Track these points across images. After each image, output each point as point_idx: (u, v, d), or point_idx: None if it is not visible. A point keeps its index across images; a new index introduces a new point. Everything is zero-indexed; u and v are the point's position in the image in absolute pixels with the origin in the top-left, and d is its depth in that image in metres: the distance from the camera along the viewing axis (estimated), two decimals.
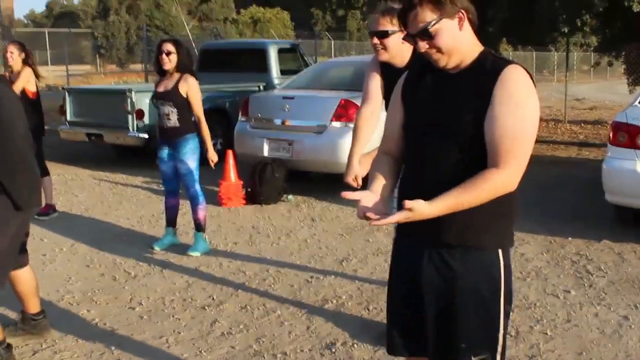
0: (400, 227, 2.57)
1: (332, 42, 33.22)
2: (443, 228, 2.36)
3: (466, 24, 2.33)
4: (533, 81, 2.32)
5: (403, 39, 2.43)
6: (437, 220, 2.32)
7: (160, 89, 6.17)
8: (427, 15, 2.29)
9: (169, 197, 6.46)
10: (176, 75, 6.10)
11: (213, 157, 6.17)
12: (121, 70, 40.67)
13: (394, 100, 2.56)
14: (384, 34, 3.84)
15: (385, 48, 3.88)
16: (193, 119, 6.19)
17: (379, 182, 2.48)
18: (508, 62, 2.31)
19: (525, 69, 2.31)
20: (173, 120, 6.09)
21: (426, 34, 2.30)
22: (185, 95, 6.06)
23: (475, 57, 2.35)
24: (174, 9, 45.75)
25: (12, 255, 3.83)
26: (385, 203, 2.42)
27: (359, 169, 4.12)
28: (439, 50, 2.31)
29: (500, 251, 2.39)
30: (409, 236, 2.53)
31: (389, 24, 3.82)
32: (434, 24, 2.28)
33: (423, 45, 2.32)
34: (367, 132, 4.25)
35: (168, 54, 6.03)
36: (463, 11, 2.31)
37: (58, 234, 7.02)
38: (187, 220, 7.02)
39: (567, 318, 4.73)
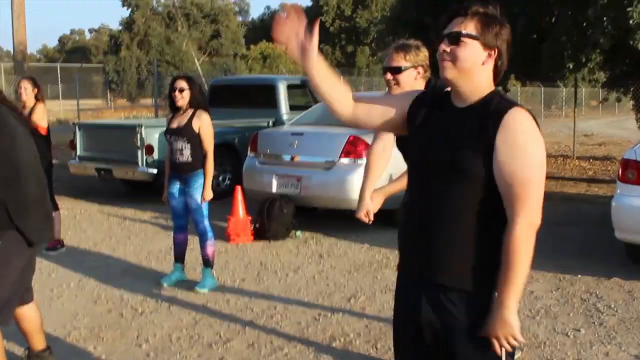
0: (401, 267, 2.58)
1: (341, 77, 33.43)
2: (440, 270, 2.37)
3: (490, 63, 2.36)
4: (537, 122, 2.32)
5: (435, 39, 2.45)
6: (434, 261, 2.36)
7: (174, 124, 6.22)
8: (469, 26, 2.32)
9: (177, 233, 6.46)
10: (189, 112, 6.16)
11: (207, 195, 6.16)
12: (131, 105, 40.96)
13: (397, 102, 2.56)
14: (398, 70, 3.87)
15: (398, 84, 3.90)
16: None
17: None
18: (512, 105, 2.31)
19: (528, 111, 2.32)
20: (186, 155, 6.13)
21: (456, 39, 2.32)
22: (198, 131, 6.11)
23: (483, 95, 2.36)
24: (185, 44, 46.24)
25: (18, 291, 3.83)
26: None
27: (371, 205, 4.12)
28: (454, 60, 2.33)
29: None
30: (408, 276, 2.53)
31: (403, 60, 3.85)
32: (468, 37, 2.31)
33: (445, 46, 2.34)
34: (379, 168, 4.28)
35: (181, 90, 6.10)
36: (496, 50, 2.35)
37: (66, 269, 7.02)
38: (195, 256, 7.01)
39: (577, 357, 4.68)
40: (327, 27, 56.95)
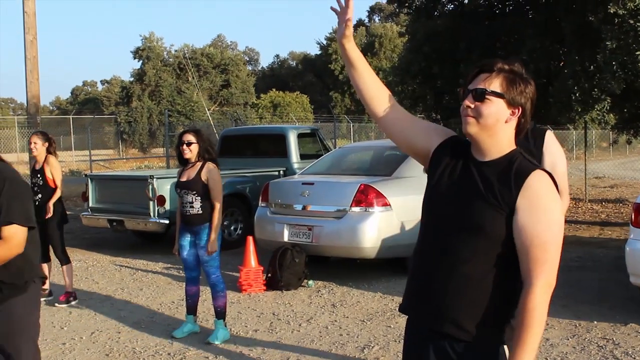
0: (409, 317, 2.57)
1: (351, 124, 33.56)
2: (449, 321, 2.36)
3: (513, 121, 2.38)
4: (556, 185, 2.34)
5: (458, 90, 2.48)
6: (443, 312, 2.36)
7: (184, 178, 6.26)
8: (495, 84, 2.35)
9: (189, 285, 6.46)
10: (198, 164, 6.21)
11: (211, 247, 6.16)
12: (143, 155, 41.22)
13: (428, 134, 2.57)
14: None
15: None
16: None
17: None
18: (533, 167, 2.32)
19: (549, 173, 2.34)
20: (196, 208, 6.16)
21: (481, 96, 2.34)
22: (207, 183, 6.15)
23: (505, 153, 2.38)
24: (195, 94, 46.65)
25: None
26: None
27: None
28: (478, 116, 2.34)
29: (505, 347, 2.37)
30: (415, 326, 2.53)
31: None
32: (493, 94, 2.33)
33: (469, 103, 2.36)
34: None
35: (189, 144, 6.16)
36: (520, 109, 2.36)
37: (77, 322, 7.01)
38: (207, 307, 6.99)
39: None
40: (337, 74, 57.49)
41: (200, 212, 6.17)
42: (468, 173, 2.40)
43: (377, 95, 2.60)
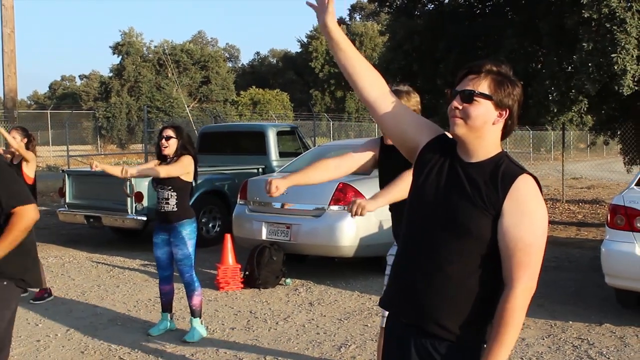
0: (390, 313, 2.57)
1: (331, 123, 33.58)
2: (431, 320, 2.37)
3: (500, 123, 2.38)
4: (540, 188, 2.37)
5: (445, 90, 2.46)
6: (426, 311, 2.37)
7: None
8: (483, 86, 2.35)
9: (163, 284, 6.41)
10: (174, 160, 6.15)
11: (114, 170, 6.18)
12: (122, 151, 40.99)
13: (418, 129, 2.55)
14: None
15: None
16: (190, 204, 6.23)
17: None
18: (520, 171, 2.33)
19: (535, 177, 2.36)
20: (171, 204, 6.11)
21: (469, 97, 2.34)
22: (183, 178, 6.10)
23: (491, 155, 2.38)
24: (175, 90, 46.46)
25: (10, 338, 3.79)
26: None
27: (282, 182, 3.95)
28: (465, 117, 2.34)
29: (485, 346, 2.38)
30: (397, 323, 2.52)
31: None
32: (481, 96, 2.34)
33: (457, 104, 2.36)
34: (315, 173, 4.13)
35: (168, 138, 6.11)
36: (507, 111, 2.37)
37: (53, 319, 6.95)
38: (184, 304, 6.96)
39: None
40: (317, 72, 57.47)
41: (176, 209, 6.11)
42: (454, 174, 2.40)
43: (367, 79, 2.55)
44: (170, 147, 6.13)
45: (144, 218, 10.41)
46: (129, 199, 10.40)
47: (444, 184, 2.41)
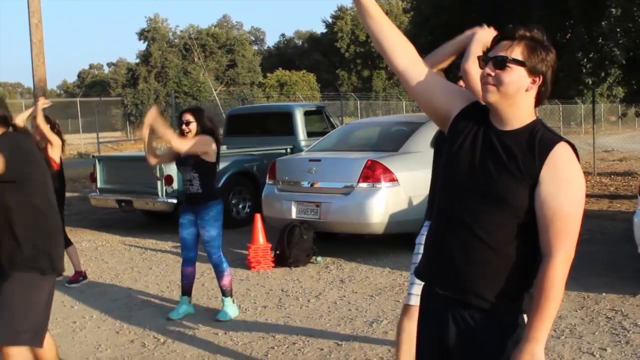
0: (426, 284, 2.56)
1: (358, 102, 33.49)
2: (467, 290, 2.36)
3: (534, 90, 2.33)
4: (578, 156, 2.32)
5: (477, 57, 2.42)
6: (461, 281, 2.35)
7: (183, 155, 6.25)
8: (516, 52, 2.30)
9: (186, 266, 6.38)
10: None
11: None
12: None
13: (451, 96, 2.49)
14: None
15: None
16: (218, 186, 6.19)
17: None
18: (558, 139, 2.30)
19: (572, 145, 2.31)
20: (196, 186, 6.12)
21: (501, 63, 2.30)
22: (203, 158, 6.07)
23: (526, 123, 2.34)
24: (202, 75, 46.60)
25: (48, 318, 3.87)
26: None
27: None
28: (498, 84, 2.30)
29: (524, 316, 2.36)
30: (434, 293, 2.50)
31: None
32: (515, 62, 2.29)
33: (489, 70, 2.32)
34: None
35: (187, 123, 6.10)
36: (541, 77, 2.32)
37: (88, 301, 7.06)
38: (215, 284, 7.01)
39: None
40: (343, 52, 57.25)
41: (201, 190, 6.10)
42: (489, 142, 2.36)
43: (398, 46, 2.50)
44: (192, 131, 6.10)
45: (174, 201, 10.49)
46: (159, 182, 10.48)
47: (479, 153, 2.37)
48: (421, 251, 4.11)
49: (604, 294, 6.57)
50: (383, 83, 56.92)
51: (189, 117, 6.14)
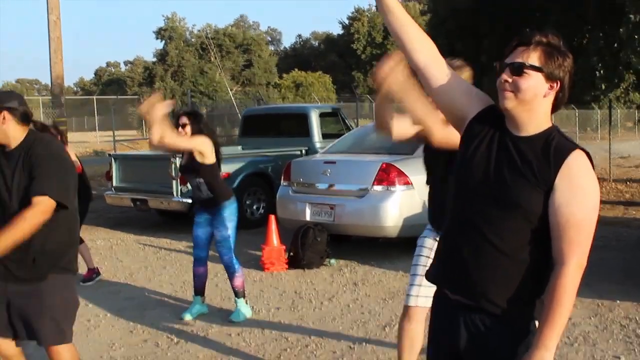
0: (438, 287, 2.56)
1: (374, 104, 33.44)
2: (479, 295, 2.36)
3: (551, 96, 2.33)
4: (592, 164, 2.31)
5: (494, 63, 2.40)
6: (473, 286, 2.36)
7: (184, 162, 6.23)
8: (533, 58, 2.30)
9: (197, 266, 6.38)
10: None
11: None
12: None
13: (468, 99, 2.48)
14: None
15: None
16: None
17: None
18: (573, 147, 2.29)
19: (587, 152, 2.31)
20: (204, 191, 6.08)
21: (519, 69, 2.30)
22: (202, 161, 5.99)
23: (542, 129, 2.34)
24: (218, 74, 46.70)
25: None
26: None
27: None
28: (516, 90, 2.30)
29: (536, 322, 2.36)
30: (445, 297, 2.51)
31: None
32: (532, 68, 2.29)
33: (506, 77, 2.32)
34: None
35: (183, 126, 6.03)
36: (559, 83, 2.32)
37: (102, 299, 7.09)
38: (229, 285, 7.03)
39: None
40: (359, 54, 57.23)
41: (211, 195, 6.07)
42: (505, 148, 2.35)
43: (419, 44, 2.48)
44: (187, 134, 6.01)
45: (189, 200, 10.51)
46: (174, 182, 10.53)
47: (494, 157, 2.36)
48: (422, 253, 4.13)
49: (618, 301, 6.54)
50: None
51: (184, 119, 6.05)
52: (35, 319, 3.64)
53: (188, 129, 6.03)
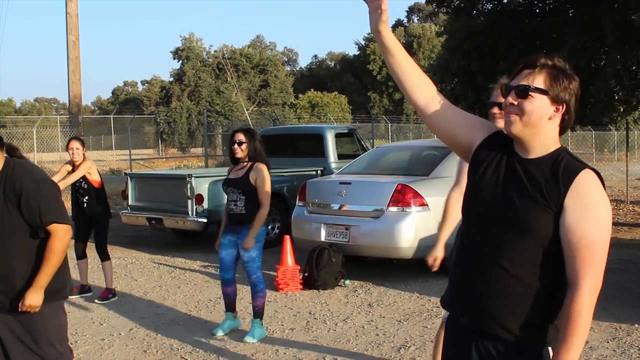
0: (451, 313, 2.55)
1: (389, 125, 33.47)
2: (490, 320, 2.34)
3: (557, 118, 2.33)
4: (604, 184, 2.30)
5: (501, 87, 2.41)
6: (485, 311, 2.34)
7: (232, 176, 6.33)
8: (538, 80, 2.30)
9: (225, 286, 6.47)
10: (248, 164, 6.24)
11: (248, 243, 6.11)
12: (182, 155, 41.59)
13: (471, 127, 2.51)
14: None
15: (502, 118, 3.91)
16: None
17: None
18: (582, 166, 2.28)
19: (597, 172, 2.29)
20: (239, 207, 6.19)
21: (523, 92, 2.30)
22: (254, 184, 6.17)
23: (550, 151, 2.33)
24: (234, 94, 46.90)
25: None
26: None
27: (442, 253, 4.15)
28: (521, 113, 2.30)
29: (549, 349, 2.33)
30: (458, 323, 2.50)
31: None
32: (537, 91, 2.29)
33: (512, 99, 2.32)
34: (455, 215, 4.26)
35: (240, 144, 6.21)
36: (564, 105, 2.32)
37: (117, 318, 7.10)
38: (243, 305, 7.03)
39: None
40: (375, 75, 57.35)
41: (244, 212, 6.18)
42: (513, 170, 2.35)
43: (418, 84, 2.52)
44: (243, 152, 6.23)
45: (204, 220, 10.54)
46: (189, 201, 10.55)
47: (502, 181, 2.36)
48: None
49: (636, 325, 6.46)
50: None
51: (241, 137, 6.25)
52: (32, 347, 3.67)
53: (245, 146, 6.24)
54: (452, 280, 2.55)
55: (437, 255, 4.18)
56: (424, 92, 2.52)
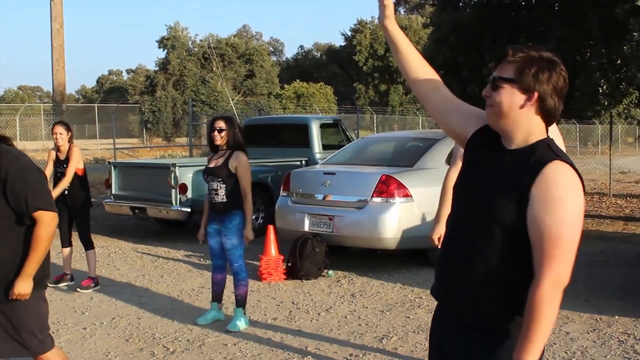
0: (437, 306, 2.58)
1: (375, 116, 33.49)
2: (461, 307, 2.38)
3: (531, 108, 2.29)
4: (581, 178, 2.25)
5: (487, 79, 2.43)
6: (457, 299, 2.39)
7: (211, 164, 6.31)
8: (507, 70, 2.30)
9: (215, 273, 6.49)
10: (227, 152, 6.22)
11: (249, 234, 6.22)
12: (167, 144, 41.46)
13: (466, 116, 2.56)
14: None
15: None
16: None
17: None
18: (555, 156, 2.24)
19: (572, 165, 2.25)
20: (221, 195, 6.18)
21: (493, 83, 2.33)
22: (234, 172, 6.16)
23: (530, 142, 2.31)
24: (220, 84, 46.75)
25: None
26: None
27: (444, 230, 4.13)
28: (493, 104, 2.32)
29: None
30: (443, 316, 2.53)
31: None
32: (503, 80, 2.30)
33: (486, 92, 2.35)
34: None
35: (220, 131, 6.19)
36: (536, 94, 2.28)
37: (99, 307, 7.07)
38: (226, 294, 7.01)
39: None
40: (361, 66, 57.32)
41: (225, 200, 6.18)
42: (492, 161, 2.36)
43: (423, 77, 2.62)
44: (222, 139, 6.23)
45: (188, 209, 10.51)
46: (173, 191, 10.51)
47: (479, 172, 2.39)
48: None
49: (616, 316, 6.51)
50: (400, 98, 56.85)
51: (221, 124, 6.26)
52: (14, 335, 3.66)
53: (224, 133, 6.24)
54: (436, 268, 2.59)
55: (441, 233, 4.16)
56: (427, 82, 2.62)
